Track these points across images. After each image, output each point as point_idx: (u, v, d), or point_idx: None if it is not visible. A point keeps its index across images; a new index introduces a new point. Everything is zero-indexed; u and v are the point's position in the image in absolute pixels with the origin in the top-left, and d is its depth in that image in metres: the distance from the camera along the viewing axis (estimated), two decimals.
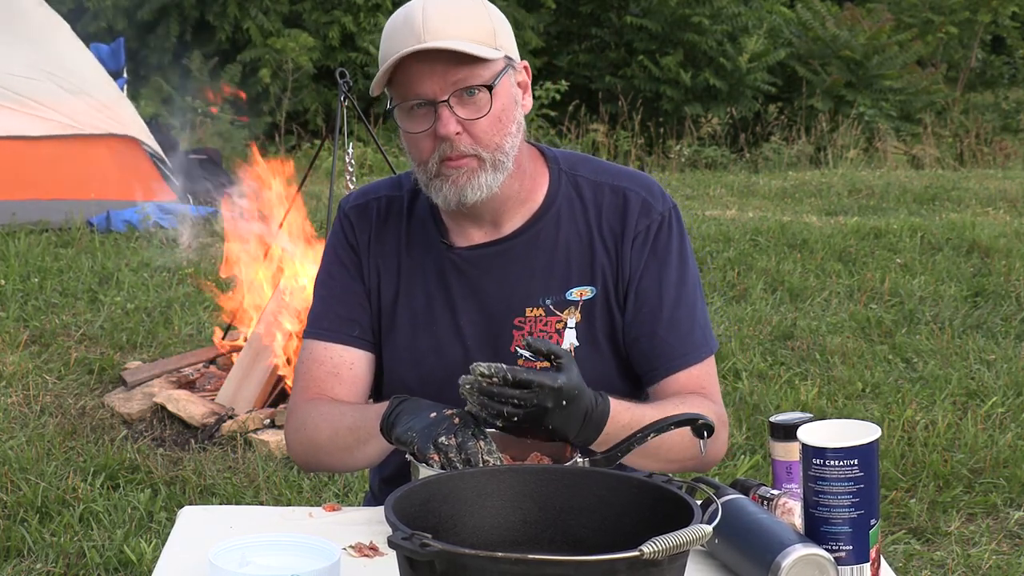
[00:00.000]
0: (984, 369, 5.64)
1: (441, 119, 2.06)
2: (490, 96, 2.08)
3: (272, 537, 1.82)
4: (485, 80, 2.08)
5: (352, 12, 15.02)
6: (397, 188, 2.30)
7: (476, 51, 2.05)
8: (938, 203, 10.07)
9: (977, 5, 16.62)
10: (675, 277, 2.22)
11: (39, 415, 5.04)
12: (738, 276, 7.14)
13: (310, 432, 2.21)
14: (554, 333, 2.19)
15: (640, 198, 2.23)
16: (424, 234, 2.25)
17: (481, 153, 2.09)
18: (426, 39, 2.04)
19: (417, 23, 2.05)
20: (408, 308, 2.24)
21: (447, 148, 2.08)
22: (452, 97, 2.06)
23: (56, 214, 8.31)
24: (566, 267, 2.21)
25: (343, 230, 2.29)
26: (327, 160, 9.46)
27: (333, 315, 2.25)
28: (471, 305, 2.21)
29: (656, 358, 2.21)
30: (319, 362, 2.24)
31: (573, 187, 2.24)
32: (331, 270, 2.29)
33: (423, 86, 2.06)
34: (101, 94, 8.88)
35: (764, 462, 4.49)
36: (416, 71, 2.06)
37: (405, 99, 2.09)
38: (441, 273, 2.22)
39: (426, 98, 2.07)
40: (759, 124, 14.99)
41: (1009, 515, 4.28)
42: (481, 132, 2.09)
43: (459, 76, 2.05)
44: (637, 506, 1.68)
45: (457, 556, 1.46)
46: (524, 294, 2.20)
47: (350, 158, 5.06)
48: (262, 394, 5.00)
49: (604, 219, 2.22)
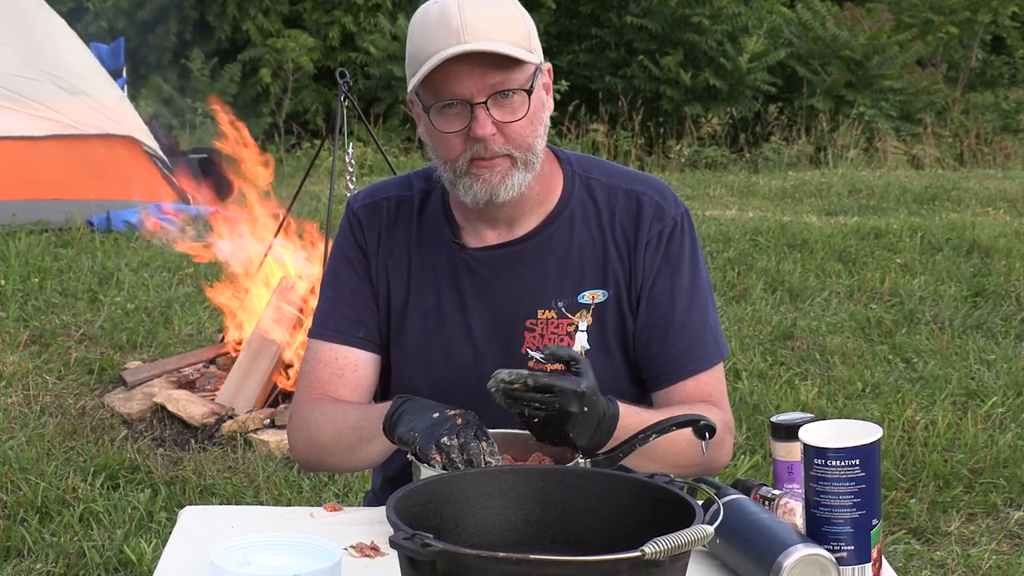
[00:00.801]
0: (984, 369, 5.64)
1: (478, 121, 2.05)
2: (528, 99, 2.08)
3: (273, 537, 1.82)
4: (522, 83, 2.07)
5: (352, 12, 15.02)
6: (406, 188, 2.29)
7: (519, 54, 2.04)
8: (938, 203, 10.07)
9: (977, 5, 16.63)
10: (687, 282, 2.22)
11: (39, 415, 5.04)
12: (738, 276, 7.14)
13: (313, 432, 2.20)
14: (565, 336, 2.18)
15: (653, 202, 2.23)
16: (436, 234, 2.24)
17: (514, 153, 2.09)
18: (466, 39, 2.02)
19: (455, 21, 2.03)
20: (419, 308, 2.23)
21: (480, 149, 2.07)
22: (490, 99, 2.05)
23: (56, 214, 8.30)
24: (579, 270, 2.20)
25: (351, 230, 2.28)
26: (327, 160, 9.46)
27: (340, 316, 2.24)
28: (482, 306, 2.20)
29: (666, 363, 2.21)
30: (324, 363, 2.24)
31: (586, 190, 2.24)
32: (338, 270, 2.28)
33: (461, 87, 2.05)
34: (101, 94, 8.88)
35: (765, 462, 4.49)
36: (454, 71, 2.04)
37: (439, 98, 2.07)
38: (453, 273, 2.22)
39: (463, 99, 2.05)
40: (759, 124, 14.99)
41: (1009, 515, 4.28)
42: (515, 133, 2.08)
43: (497, 79, 2.04)
44: (639, 506, 1.68)
45: (459, 556, 1.46)
46: (536, 296, 2.19)
47: (350, 158, 5.06)
48: (262, 394, 5.00)
49: (617, 223, 2.22)
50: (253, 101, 14.80)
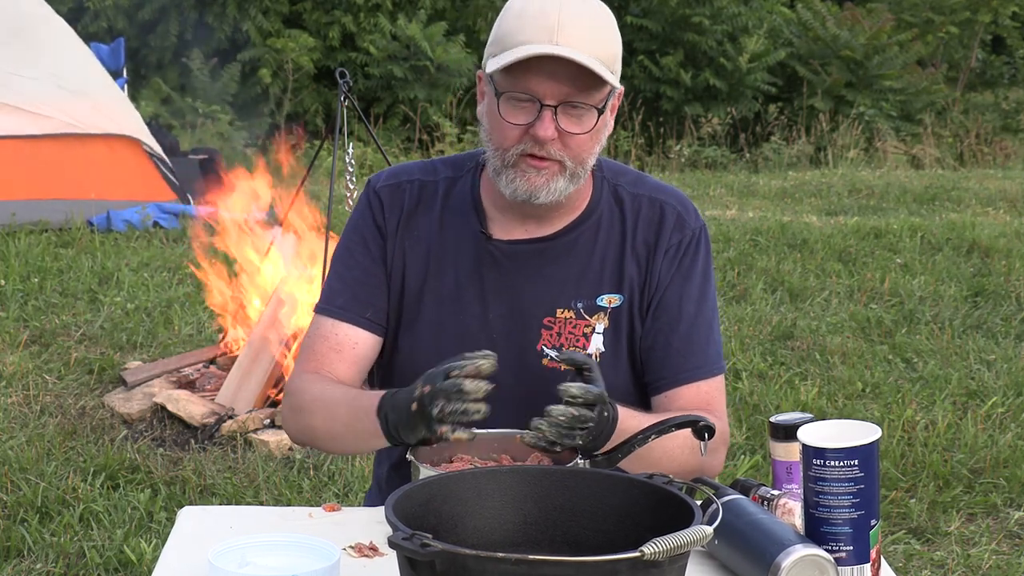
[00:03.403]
0: (984, 369, 5.64)
1: (543, 122, 2.05)
2: (597, 118, 2.08)
3: (272, 537, 1.81)
4: (596, 101, 2.07)
5: (352, 12, 15.02)
6: (431, 173, 2.28)
7: (603, 73, 2.03)
8: (938, 203, 10.08)
9: (977, 5, 16.63)
10: (696, 293, 2.23)
11: (39, 415, 5.04)
12: (738, 276, 7.14)
13: (306, 419, 2.20)
14: (581, 337, 2.19)
15: (676, 212, 2.24)
16: (461, 222, 2.23)
17: (566, 161, 2.09)
18: (559, 41, 2.01)
19: (552, 18, 2.02)
20: (435, 294, 2.22)
21: (536, 147, 2.07)
22: (561, 106, 2.05)
23: (56, 214, 8.30)
24: (599, 273, 2.21)
25: (371, 209, 2.26)
26: (327, 160, 9.46)
27: (349, 294, 2.23)
28: (502, 299, 2.20)
29: (666, 368, 2.21)
30: (324, 337, 2.23)
31: (614, 196, 2.25)
32: (352, 248, 2.26)
33: (539, 86, 2.04)
34: (101, 94, 8.87)
35: (764, 462, 4.49)
36: (536, 68, 2.03)
37: (513, 89, 2.06)
38: (476, 262, 2.21)
39: (536, 97, 2.05)
40: (759, 124, 14.99)
41: (1009, 515, 4.28)
42: (575, 145, 2.09)
43: (575, 89, 2.04)
44: (638, 507, 1.68)
45: (458, 556, 1.46)
46: (557, 295, 2.20)
47: (350, 158, 5.06)
48: (262, 394, 5.00)
49: (639, 230, 2.23)
50: (253, 101, 14.80)
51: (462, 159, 2.27)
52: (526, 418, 1.92)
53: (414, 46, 14.46)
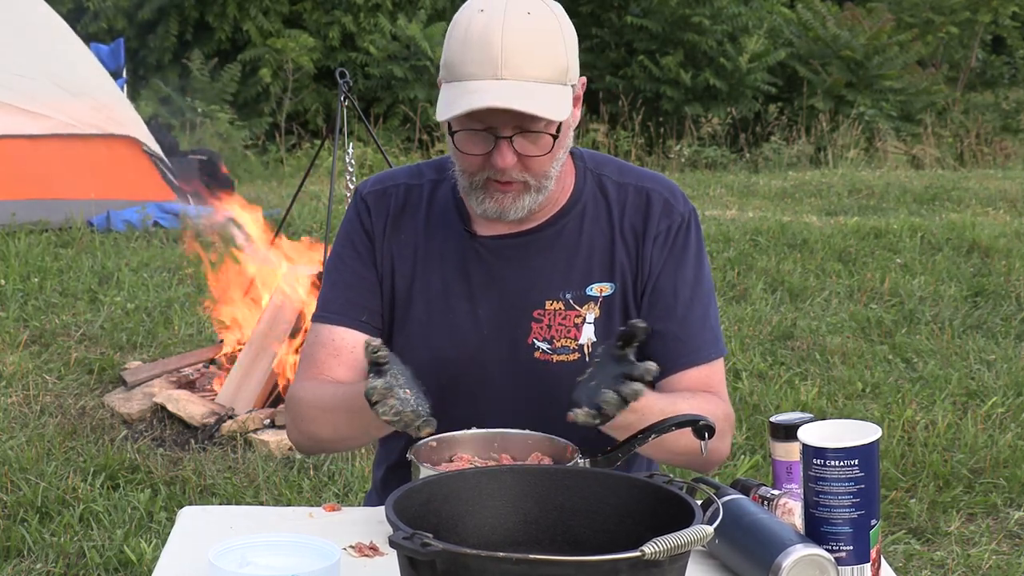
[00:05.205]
0: (984, 369, 5.64)
1: (500, 152, 2.06)
2: (554, 141, 2.08)
3: (272, 537, 1.81)
4: (551, 127, 2.07)
5: (352, 12, 15.03)
6: (416, 176, 2.31)
7: (551, 113, 2.02)
8: (938, 203, 10.08)
9: (977, 5, 16.63)
10: (690, 277, 2.24)
11: (39, 415, 5.04)
12: (738, 276, 7.14)
13: (306, 425, 2.22)
14: (572, 328, 2.19)
15: (662, 199, 2.25)
16: (446, 222, 2.25)
17: (529, 180, 2.11)
18: (504, 74, 2.00)
19: (495, 50, 2.01)
20: (424, 294, 2.24)
21: (497, 173, 2.09)
22: (516, 136, 2.06)
23: (56, 214, 8.30)
24: (587, 263, 2.22)
25: (359, 215, 2.29)
26: (327, 160, 9.46)
27: (343, 299, 2.26)
28: (490, 294, 2.22)
29: (666, 354, 2.20)
30: (322, 344, 2.25)
31: (598, 186, 2.26)
32: (343, 255, 2.29)
33: (492, 118, 2.04)
34: (101, 94, 8.88)
35: (764, 462, 4.49)
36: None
37: (467, 127, 2.07)
38: (462, 260, 2.23)
39: (490, 129, 2.06)
40: (759, 124, 14.99)
41: (1009, 515, 4.28)
42: (536, 165, 2.10)
43: (527, 118, 2.04)
44: (638, 506, 1.68)
45: (458, 556, 1.46)
46: (545, 287, 2.21)
47: (350, 158, 5.06)
48: (262, 394, 5.00)
49: (627, 218, 2.24)
50: (253, 101, 14.81)
51: (446, 162, 2.28)
52: (522, 413, 1.93)
53: (414, 46, 14.47)
